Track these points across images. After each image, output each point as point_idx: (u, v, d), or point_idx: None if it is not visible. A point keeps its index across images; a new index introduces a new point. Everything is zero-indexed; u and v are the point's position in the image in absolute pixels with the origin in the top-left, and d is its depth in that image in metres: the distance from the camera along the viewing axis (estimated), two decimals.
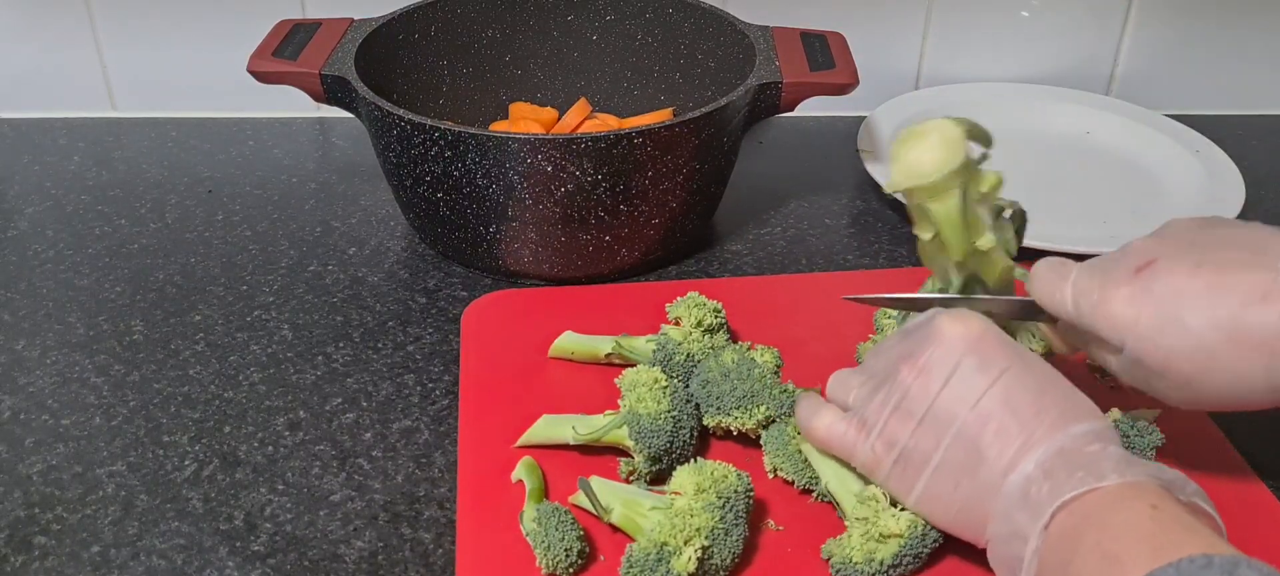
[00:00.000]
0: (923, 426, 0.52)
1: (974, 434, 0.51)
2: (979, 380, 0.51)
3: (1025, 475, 0.49)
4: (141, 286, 0.80)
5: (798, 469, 0.60)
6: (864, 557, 0.54)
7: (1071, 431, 0.50)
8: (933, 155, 0.55)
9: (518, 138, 0.72)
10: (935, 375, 0.52)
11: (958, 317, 0.54)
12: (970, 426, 0.51)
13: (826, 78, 0.81)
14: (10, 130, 1.02)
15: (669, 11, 0.92)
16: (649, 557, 0.52)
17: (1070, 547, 0.46)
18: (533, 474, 0.60)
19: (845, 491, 0.57)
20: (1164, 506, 0.45)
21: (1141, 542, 0.43)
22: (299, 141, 1.01)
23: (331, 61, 0.80)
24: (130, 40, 1.01)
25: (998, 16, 1.06)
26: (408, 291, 0.79)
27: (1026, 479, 0.49)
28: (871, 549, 0.54)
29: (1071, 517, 0.46)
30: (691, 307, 0.68)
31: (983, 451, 0.51)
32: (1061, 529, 0.47)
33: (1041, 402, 0.51)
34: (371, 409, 0.68)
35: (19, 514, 0.60)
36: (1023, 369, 0.52)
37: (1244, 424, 0.68)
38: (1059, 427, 0.50)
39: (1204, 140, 0.98)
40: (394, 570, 0.57)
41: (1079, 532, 0.46)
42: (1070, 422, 0.50)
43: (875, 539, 0.54)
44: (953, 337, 0.53)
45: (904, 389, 0.53)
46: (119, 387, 0.70)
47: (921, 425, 0.52)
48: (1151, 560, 0.42)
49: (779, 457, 0.61)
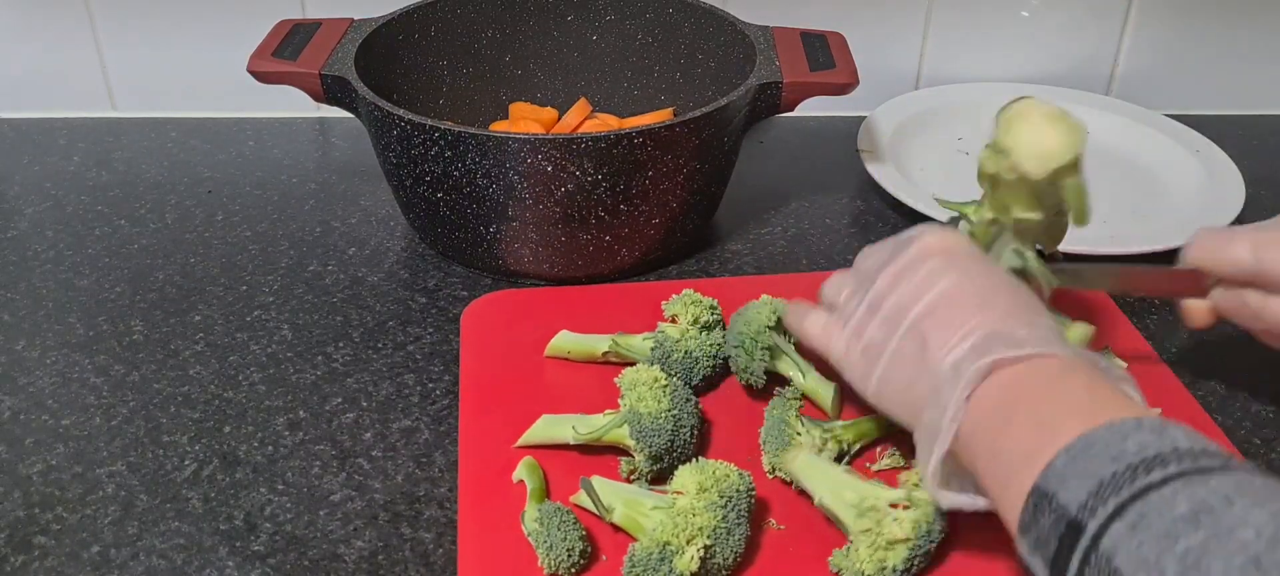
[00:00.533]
0: (884, 318, 0.54)
1: (922, 324, 0.53)
2: (939, 280, 0.53)
3: (959, 356, 0.50)
4: (141, 286, 0.80)
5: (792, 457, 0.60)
6: (875, 568, 0.53)
7: (1012, 320, 0.51)
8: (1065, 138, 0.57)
9: (518, 138, 0.72)
10: (904, 275, 0.55)
11: (939, 230, 0.56)
12: (920, 316, 0.53)
13: (826, 78, 0.81)
14: (10, 130, 1.02)
15: (669, 11, 0.92)
16: (651, 557, 0.52)
17: (1002, 419, 0.47)
18: (534, 474, 0.60)
19: (840, 503, 0.57)
20: (1099, 385, 0.46)
21: (1076, 413, 0.44)
22: (299, 141, 1.01)
23: (331, 61, 0.80)
24: (130, 40, 1.01)
25: (998, 16, 1.06)
26: (408, 291, 0.79)
27: (959, 359, 0.50)
28: (881, 558, 0.53)
29: (1001, 391, 0.48)
30: (688, 305, 0.68)
31: (927, 338, 0.52)
32: (991, 401, 0.48)
33: (989, 299, 0.52)
34: (371, 409, 0.68)
35: (19, 514, 0.60)
36: (983, 275, 0.54)
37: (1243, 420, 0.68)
38: (1002, 319, 0.51)
39: (1204, 140, 0.98)
40: (394, 570, 0.57)
41: (1011, 404, 0.47)
42: (1013, 316, 0.51)
43: (883, 547, 0.53)
44: (928, 244, 0.55)
45: (877, 288, 0.56)
46: (119, 387, 0.70)
47: (884, 318, 0.54)
48: (1086, 425, 0.43)
49: (779, 457, 0.61)
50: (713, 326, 0.68)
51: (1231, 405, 0.69)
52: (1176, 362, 0.72)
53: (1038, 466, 0.43)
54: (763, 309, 0.66)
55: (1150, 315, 0.77)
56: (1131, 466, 0.40)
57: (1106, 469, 0.41)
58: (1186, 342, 0.74)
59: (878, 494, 0.56)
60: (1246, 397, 0.70)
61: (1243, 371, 0.72)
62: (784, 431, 0.61)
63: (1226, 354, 0.74)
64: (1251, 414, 0.69)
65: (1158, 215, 0.89)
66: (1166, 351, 0.72)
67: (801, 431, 0.61)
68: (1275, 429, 0.68)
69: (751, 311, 0.66)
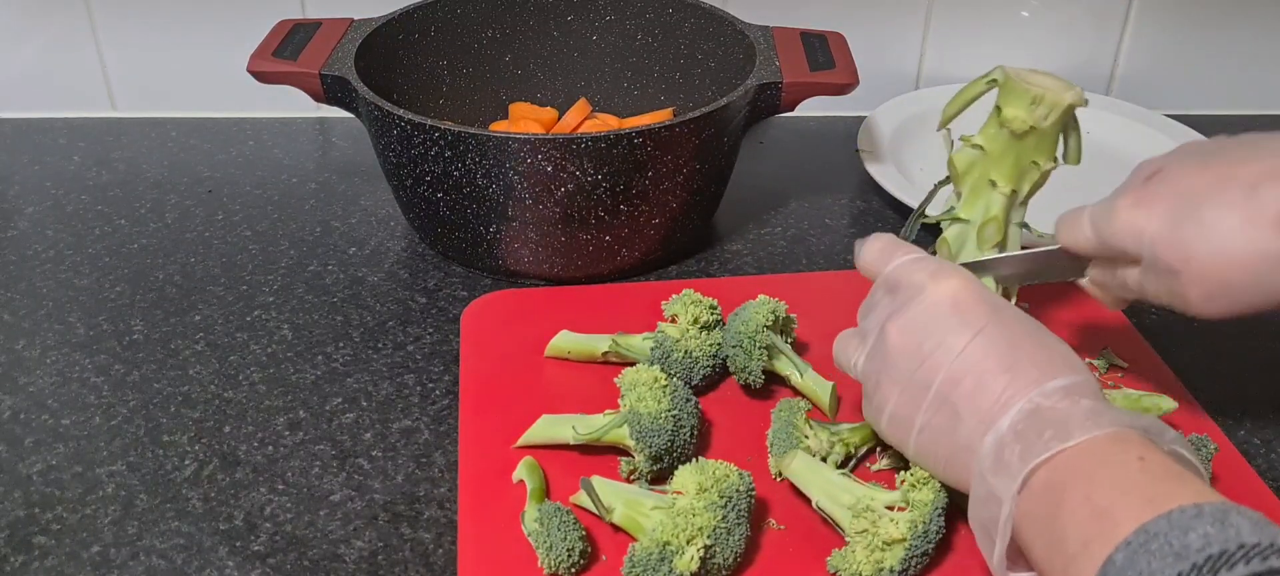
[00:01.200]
0: (906, 391, 0.53)
1: (950, 395, 0.51)
2: (955, 340, 0.52)
3: (999, 436, 0.48)
4: (141, 286, 0.80)
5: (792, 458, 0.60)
6: (872, 569, 0.53)
7: (1045, 387, 0.49)
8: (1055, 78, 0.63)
9: (518, 138, 0.72)
10: (916, 336, 0.53)
11: (941, 274, 0.54)
12: (945, 388, 0.51)
13: (826, 78, 0.81)
14: (10, 130, 1.02)
15: (669, 11, 0.92)
16: (651, 557, 0.52)
17: (1055, 502, 0.45)
18: (534, 474, 0.60)
19: (836, 505, 0.57)
20: (1151, 457, 0.45)
21: (1131, 494, 0.43)
22: (299, 141, 1.01)
23: (331, 61, 0.80)
24: (130, 40, 1.01)
25: (998, 16, 1.06)
26: (408, 291, 0.79)
27: (1000, 440, 0.48)
28: (878, 558, 0.53)
29: (1054, 473, 0.46)
30: (688, 305, 0.68)
31: (959, 412, 0.51)
32: (1043, 485, 0.46)
33: (1016, 358, 0.50)
34: (371, 409, 0.68)
35: (19, 514, 0.60)
36: (998, 326, 0.52)
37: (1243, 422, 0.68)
38: (1033, 384, 0.49)
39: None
40: (394, 570, 0.57)
41: (1064, 487, 0.45)
42: (1045, 378, 0.49)
43: (879, 548, 0.54)
44: (937, 301, 0.53)
45: (890, 351, 0.54)
46: (119, 387, 0.70)
47: (905, 390, 0.53)
48: (1142, 511, 0.41)
49: (779, 461, 0.60)
50: (712, 326, 0.68)
51: (1231, 405, 0.69)
52: (1177, 362, 0.72)
53: (1096, 562, 0.41)
54: (760, 309, 0.66)
55: (1150, 314, 0.77)
56: (1197, 567, 0.38)
57: (1171, 569, 0.38)
58: (1186, 342, 0.74)
59: (874, 496, 0.56)
60: (1246, 398, 0.70)
61: (1243, 371, 0.72)
62: (791, 434, 0.61)
63: (1227, 353, 0.74)
64: (1251, 414, 0.69)
65: None
66: (1166, 351, 0.72)
67: (809, 434, 0.61)
68: (1275, 429, 0.68)
69: (749, 311, 0.66)
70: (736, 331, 0.66)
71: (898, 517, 0.54)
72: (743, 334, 0.65)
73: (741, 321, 0.66)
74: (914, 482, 0.55)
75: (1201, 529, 0.39)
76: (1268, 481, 0.62)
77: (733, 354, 0.66)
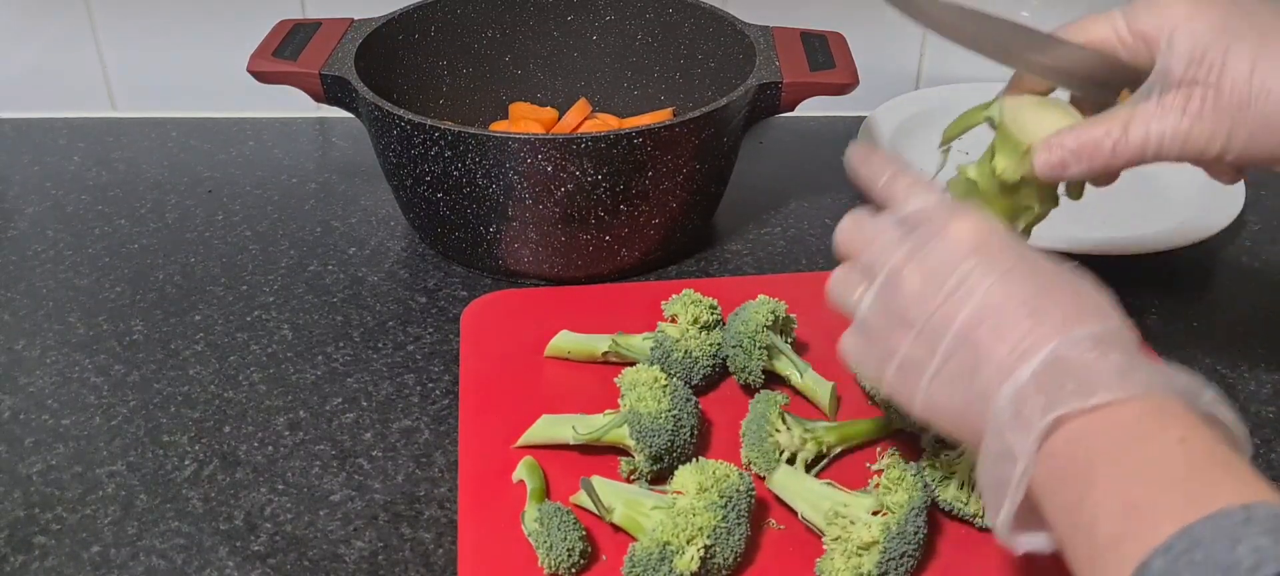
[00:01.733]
0: (919, 333, 0.48)
1: (970, 336, 0.46)
2: (977, 282, 0.47)
3: (1018, 386, 0.44)
4: (141, 286, 0.80)
5: (771, 465, 0.60)
6: (852, 573, 0.53)
7: (1073, 334, 0.44)
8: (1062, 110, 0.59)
9: (518, 138, 0.72)
10: (937, 276, 0.48)
11: (965, 215, 0.49)
12: (964, 330, 0.46)
13: (826, 78, 0.81)
14: (10, 130, 1.02)
15: (669, 11, 0.92)
16: (651, 557, 0.52)
17: (1082, 478, 0.40)
18: (534, 474, 0.60)
19: (816, 513, 0.57)
20: (1192, 438, 0.40)
21: (1171, 490, 0.38)
22: (299, 141, 1.01)
23: (331, 61, 0.80)
24: (130, 40, 1.01)
25: None
26: (408, 291, 0.79)
27: (1019, 392, 0.44)
28: (856, 563, 0.54)
29: (1080, 442, 0.41)
30: (688, 305, 0.68)
31: (979, 353, 0.46)
32: (1066, 453, 0.42)
33: (1043, 301, 0.46)
34: (371, 409, 0.68)
35: (19, 514, 0.60)
36: (1028, 269, 0.47)
37: None
38: (1060, 330, 0.44)
39: None
40: (394, 570, 0.57)
41: (1093, 465, 0.40)
42: (1073, 325, 0.44)
43: (855, 552, 0.54)
44: (959, 239, 0.48)
45: (906, 292, 0.49)
46: (119, 387, 0.70)
47: (919, 332, 0.48)
48: (1185, 511, 0.36)
49: (754, 453, 0.61)
50: (712, 326, 0.68)
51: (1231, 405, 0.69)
52: (1176, 361, 0.72)
53: (1128, 564, 0.37)
54: (760, 308, 0.66)
55: (1150, 315, 0.77)
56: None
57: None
58: (1186, 342, 0.74)
59: (851, 501, 0.56)
60: (1246, 398, 0.70)
61: (1243, 371, 0.73)
62: (763, 426, 0.61)
63: (1227, 353, 0.74)
64: (1251, 414, 0.69)
65: (1157, 215, 0.89)
66: (1166, 351, 0.72)
67: (781, 428, 0.61)
68: (1275, 429, 0.68)
69: (749, 311, 0.66)
70: (736, 331, 0.66)
71: (871, 521, 0.54)
72: (743, 334, 0.65)
73: (741, 321, 0.66)
74: (888, 486, 0.56)
75: (1252, 540, 0.35)
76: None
77: (733, 354, 0.66)
